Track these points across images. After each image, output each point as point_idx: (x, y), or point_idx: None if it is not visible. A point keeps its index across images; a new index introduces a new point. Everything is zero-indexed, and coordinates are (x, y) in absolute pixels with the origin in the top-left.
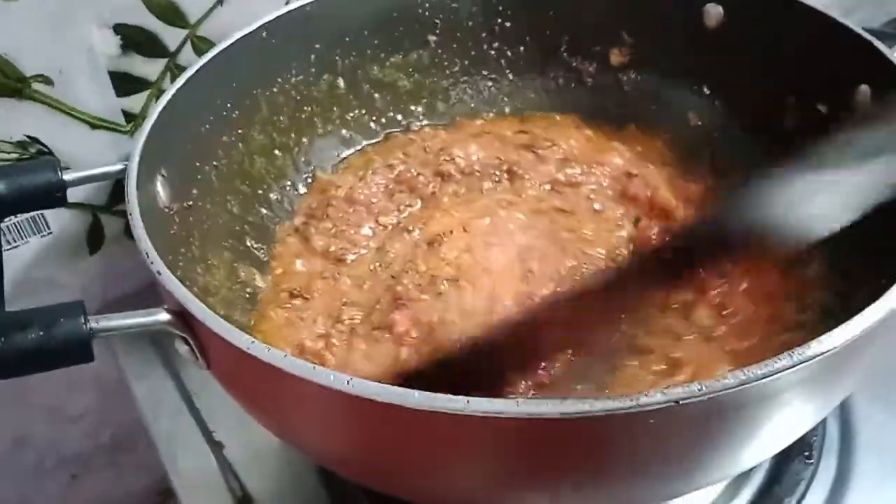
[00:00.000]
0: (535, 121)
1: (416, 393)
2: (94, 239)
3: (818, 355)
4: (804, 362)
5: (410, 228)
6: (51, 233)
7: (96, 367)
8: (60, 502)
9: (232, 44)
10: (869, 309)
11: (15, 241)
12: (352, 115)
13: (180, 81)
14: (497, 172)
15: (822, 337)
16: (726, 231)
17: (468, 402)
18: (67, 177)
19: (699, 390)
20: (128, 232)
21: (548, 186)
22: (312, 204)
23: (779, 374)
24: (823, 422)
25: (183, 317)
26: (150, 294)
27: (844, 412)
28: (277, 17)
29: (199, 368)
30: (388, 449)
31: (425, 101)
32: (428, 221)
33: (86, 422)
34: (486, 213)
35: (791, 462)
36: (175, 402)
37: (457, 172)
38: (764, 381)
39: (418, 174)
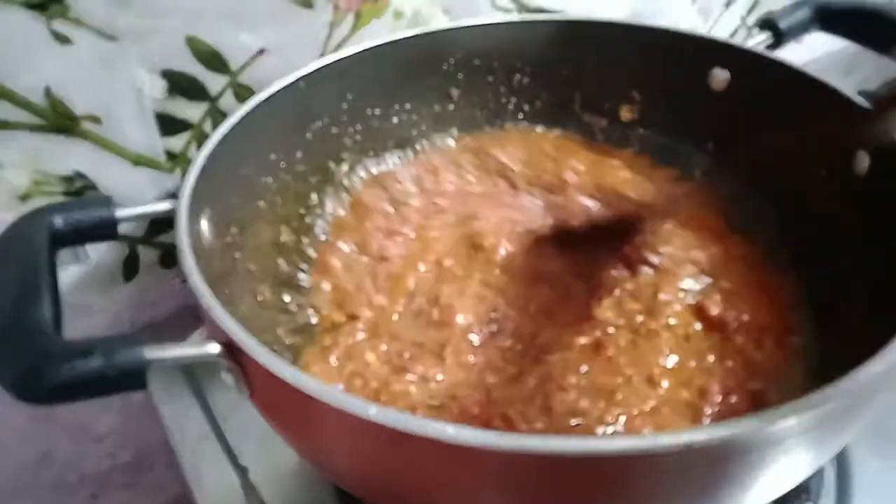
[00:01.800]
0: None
1: (451, 427)
2: (130, 268)
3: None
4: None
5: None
6: (89, 261)
7: None
8: None
9: (272, 94)
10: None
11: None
12: (379, 161)
13: (225, 127)
14: None
15: (832, 385)
16: None
17: (499, 436)
18: (119, 213)
19: (713, 434)
20: (162, 262)
21: None
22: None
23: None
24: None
25: (230, 349)
26: (178, 321)
27: (841, 457)
28: (315, 70)
29: (238, 395)
30: (423, 482)
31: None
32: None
33: (108, 442)
34: None
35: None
36: (201, 426)
37: None
38: (776, 426)
39: None
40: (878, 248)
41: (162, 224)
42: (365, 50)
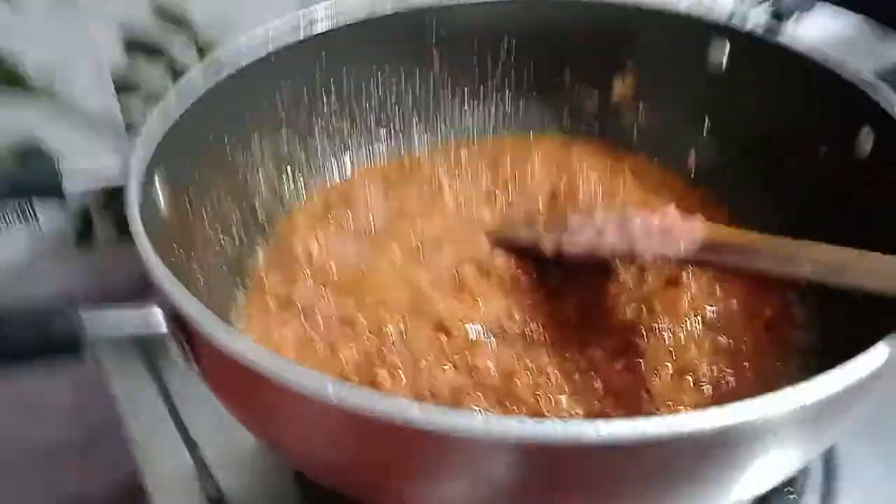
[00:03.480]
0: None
1: (415, 406)
2: (83, 238)
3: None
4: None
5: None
6: (39, 227)
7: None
8: (28, 496)
9: (236, 49)
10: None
11: None
12: (352, 130)
13: (182, 84)
14: None
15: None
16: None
17: (472, 418)
18: (65, 167)
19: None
20: (118, 233)
21: None
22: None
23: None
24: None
25: (177, 318)
26: (135, 297)
27: (828, 451)
28: (284, 32)
29: (186, 370)
30: (376, 461)
31: (426, 118)
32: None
33: (61, 419)
34: None
35: (775, 498)
36: (156, 405)
37: None
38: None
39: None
40: (883, 230)
41: (117, 191)
42: (341, 28)
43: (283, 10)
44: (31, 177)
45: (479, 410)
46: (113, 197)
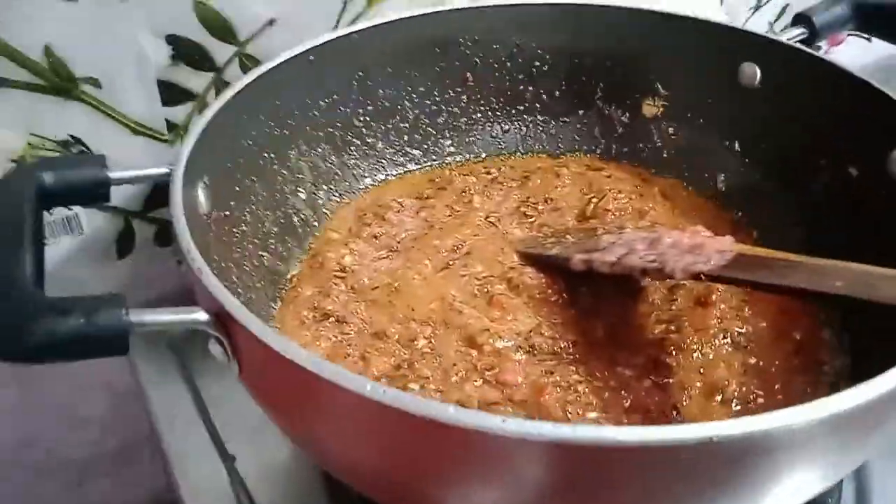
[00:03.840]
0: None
1: (452, 408)
2: (124, 244)
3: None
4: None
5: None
6: (83, 234)
7: (108, 373)
8: None
9: (278, 64)
10: None
11: (47, 240)
12: (385, 144)
13: (227, 95)
14: None
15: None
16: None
17: (504, 421)
18: (113, 174)
19: (738, 427)
20: (157, 239)
21: None
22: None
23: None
24: (840, 484)
25: (220, 318)
26: (175, 301)
27: (860, 475)
28: (325, 43)
29: (228, 371)
30: (410, 460)
31: (458, 135)
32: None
33: (93, 427)
34: None
35: None
36: (189, 411)
37: None
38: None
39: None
40: None
41: (158, 197)
42: (377, 25)
43: (326, 26)
44: (80, 184)
45: None
46: (154, 204)
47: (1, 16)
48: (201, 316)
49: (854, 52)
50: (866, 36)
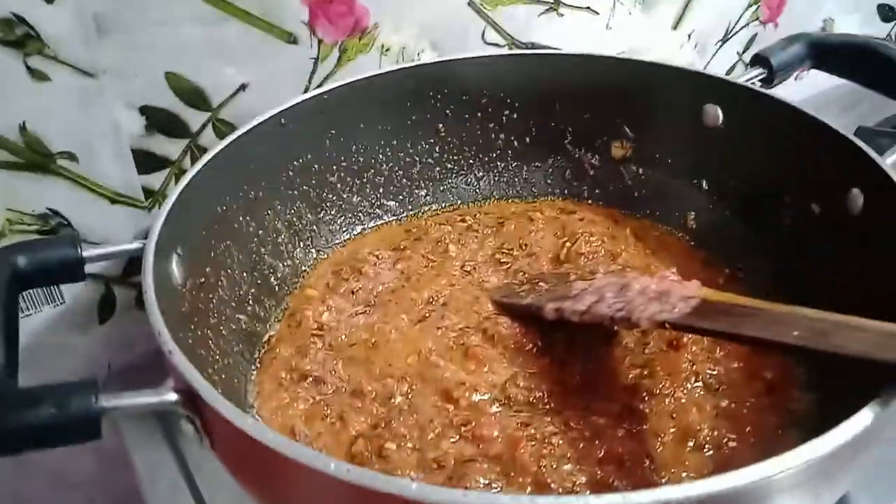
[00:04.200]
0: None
1: (414, 484)
2: (106, 309)
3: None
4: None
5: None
6: (64, 302)
7: None
8: None
9: (251, 128)
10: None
11: (28, 310)
12: (361, 197)
13: (200, 163)
14: None
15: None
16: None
17: (465, 495)
18: (86, 253)
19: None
20: (138, 303)
21: None
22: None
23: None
24: None
25: (190, 397)
26: (156, 363)
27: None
28: (296, 105)
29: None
30: None
31: (432, 186)
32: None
33: (86, 489)
34: None
35: None
36: (174, 476)
37: None
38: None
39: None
40: (876, 289)
41: (138, 263)
42: (348, 84)
43: (298, 86)
44: (53, 265)
45: (483, 482)
46: (134, 271)
47: None
48: (171, 397)
49: (823, 76)
50: None
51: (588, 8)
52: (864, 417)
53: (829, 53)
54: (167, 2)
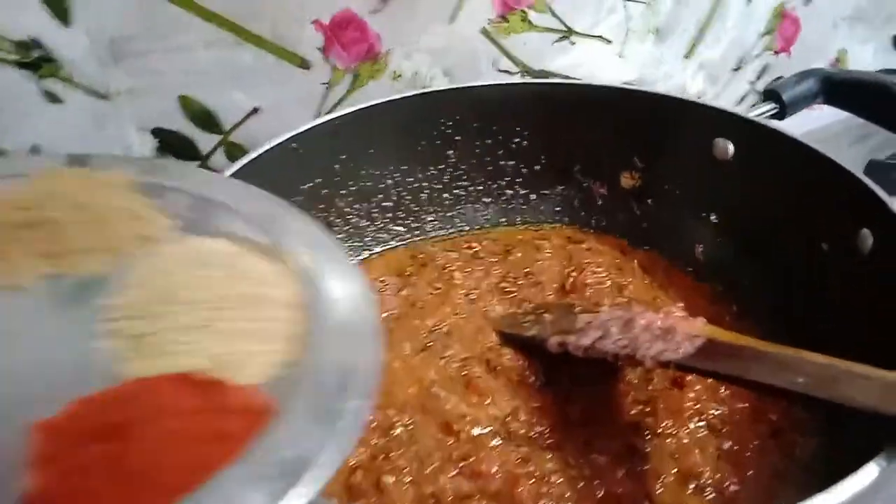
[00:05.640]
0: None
1: None
2: None
3: None
4: None
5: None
6: None
7: None
8: None
9: (262, 152)
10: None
11: None
12: (368, 222)
13: None
14: None
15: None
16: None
17: None
18: None
19: None
20: None
21: None
22: None
23: None
24: None
25: None
26: None
27: None
28: (307, 130)
29: None
30: None
31: (440, 211)
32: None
33: None
34: None
35: None
36: None
37: None
38: None
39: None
40: (884, 331)
41: None
42: (359, 109)
43: (309, 111)
44: None
45: None
46: None
47: None
48: None
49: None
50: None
51: (600, 37)
52: (868, 472)
53: (842, 90)
54: (183, 27)
